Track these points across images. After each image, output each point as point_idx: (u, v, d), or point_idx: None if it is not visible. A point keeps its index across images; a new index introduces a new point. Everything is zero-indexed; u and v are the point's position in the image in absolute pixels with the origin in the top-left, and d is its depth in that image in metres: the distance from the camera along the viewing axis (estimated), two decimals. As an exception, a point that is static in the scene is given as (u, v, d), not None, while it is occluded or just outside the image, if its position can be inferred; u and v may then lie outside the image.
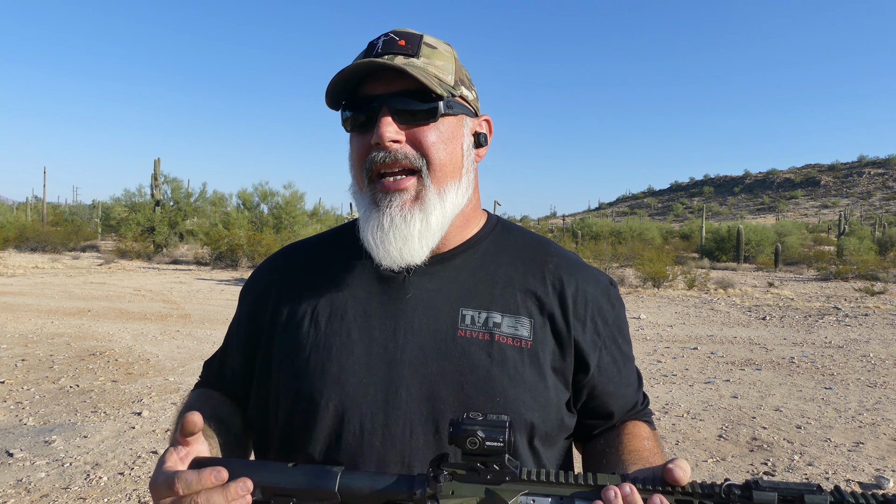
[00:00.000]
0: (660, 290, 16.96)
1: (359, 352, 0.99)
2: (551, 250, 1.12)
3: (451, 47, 1.06)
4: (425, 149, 0.98)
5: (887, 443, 5.03)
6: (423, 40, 1.01)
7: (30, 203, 46.60)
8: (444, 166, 1.00)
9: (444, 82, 1.00)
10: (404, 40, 0.99)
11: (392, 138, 0.96)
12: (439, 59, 1.02)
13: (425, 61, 0.99)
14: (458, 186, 1.02)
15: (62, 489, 3.95)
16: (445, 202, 1.00)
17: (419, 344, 0.99)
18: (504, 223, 1.15)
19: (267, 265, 1.17)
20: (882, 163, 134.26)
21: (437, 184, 0.99)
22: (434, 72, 0.99)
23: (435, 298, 1.02)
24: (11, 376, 6.55)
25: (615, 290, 1.13)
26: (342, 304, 1.03)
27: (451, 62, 1.03)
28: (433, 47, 1.02)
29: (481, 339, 0.99)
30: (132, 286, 15.35)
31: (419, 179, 0.99)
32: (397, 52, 0.98)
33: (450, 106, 1.01)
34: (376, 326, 1.01)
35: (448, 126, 1.01)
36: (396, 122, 0.97)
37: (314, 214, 29.81)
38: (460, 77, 1.05)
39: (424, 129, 0.99)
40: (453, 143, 1.02)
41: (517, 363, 0.99)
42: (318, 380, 0.98)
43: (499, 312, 1.02)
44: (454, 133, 1.02)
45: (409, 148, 0.98)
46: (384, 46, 0.99)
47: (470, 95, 1.06)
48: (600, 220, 48.48)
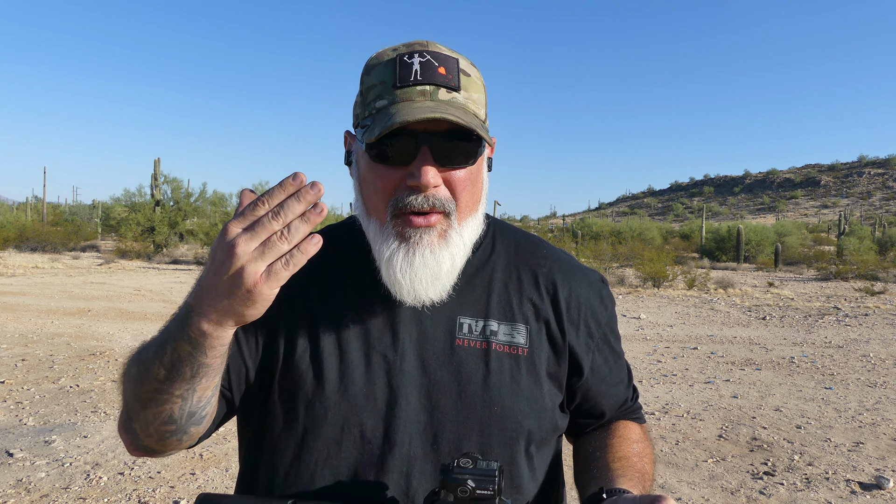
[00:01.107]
0: (660, 290, 16.96)
1: (358, 361, 0.98)
2: (544, 252, 1.11)
3: (478, 72, 1.00)
4: (458, 192, 0.95)
5: (887, 443, 5.03)
6: (460, 67, 0.95)
7: (30, 203, 46.62)
8: (469, 206, 0.98)
9: (481, 119, 0.96)
10: (444, 67, 0.92)
11: (435, 184, 0.92)
12: (475, 90, 0.96)
13: (465, 96, 0.93)
14: (476, 219, 1.00)
15: (62, 489, 3.96)
16: (465, 238, 0.98)
17: (417, 353, 0.99)
18: (497, 225, 1.14)
19: None
20: (882, 163, 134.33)
21: (460, 222, 0.97)
22: (473, 109, 0.94)
23: (432, 307, 1.01)
24: (11, 376, 6.55)
25: (606, 288, 1.13)
26: (338, 313, 1.01)
27: (482, 93, 0.98)
28: (468, 75, 0.95)
29: (478, 348, 0.99)
30: (132, 286, 15.36)
31: (446, 219, 0.95)
32: (439, 83, 0.91)
33: (484, 145, 0.96)
34: (375, 335, 1.00)
35: (478, 165, 0.98)
36: (436, 164, 0.92)
37: (314, 214, 29.79)
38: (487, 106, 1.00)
39: (460, 171, 0.95)
40: (479, 181, 0.99)
41: (514, 371, 0.99)
42: (318, 389, 0.97)
43: (495, 320, 1.01)
44: (480, 170, 0.99)
45: (444, 191, 0.94)
46: (423, 72, 0.91)
47: (487, 123, 1.01)
48: (600, 220, 48.51)
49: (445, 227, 0.95)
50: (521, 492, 1.00)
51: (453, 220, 0.95)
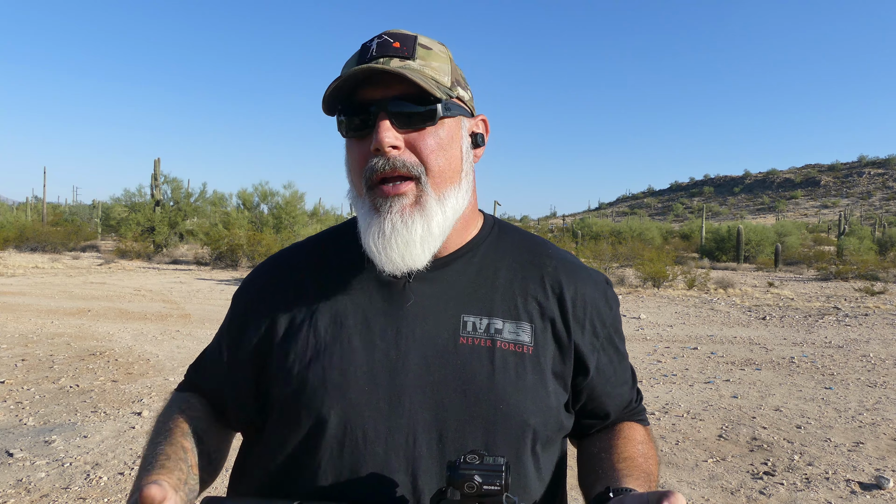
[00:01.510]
0: (660, 290, 16.96)
1: (360, 359, 0.98)
2: (549, 252, 1.11)
3: (445, 47, 1.05)
4: (424, 155, 0.97)
5: (887, 443, 5.03)
6: (418, 41, 0.99)
7: (30, 203, 46.61)
8: (444, 171, 0.99)
9: (441, 84, 0.99)
10: (399, 42, 0.98)
11: (392, 144, 0.95)
12: (435, 60, 1.00)
13: (421, 63, 0.98)
14: (458, 190, 1.01)
15: (62, 489, 3.95)
16: (446, 207, 0.99)
17: (421, 352, 0.98)
18: (501, 224, 1.15)
19: (263, 269, 1.14)
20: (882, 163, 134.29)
21: (436, 189, 0.98)
22: (431, 74, 0.98)
23: (436, 305, 1.01)
24: (11, 376, 6.55)
25: (611, 289, 1.13)
26: (342, 310, 1.01)
27: (446, 63, 1.02)
28: (428, 48, 1.00)
29: (483, 346, 0.99)
30: (132, 286, 15.35)
31: (418, 185, 0.97)
32: (392, 54, 0.96)
33: (448, 108, 0.99)
34: (377, 333, 1.00)
35: (447, 129, 1.00)
36: (395, 127, 0.96)
37: (314, 214, 29.81)
38: (456, 77, 1.03)
39: (423, 133, 0.97)
40: (452, 147, 1.01)
41: (519, 369, 0.99)
42: (320, 388, 0.97)
43: (500, 318, 1.01)
44: (453, 136, 1.01)
45: (408, 154, 0.97)
46: (378, 49, 0.97)
47: (466, 95, 1.05)
48: (600, 220, 48.47)
49: (419, 193, 0.97)
50: (528, 491, 1.00)
51: (426, 185, 0.97)
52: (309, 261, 1.10)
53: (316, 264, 1.09)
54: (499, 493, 0.81)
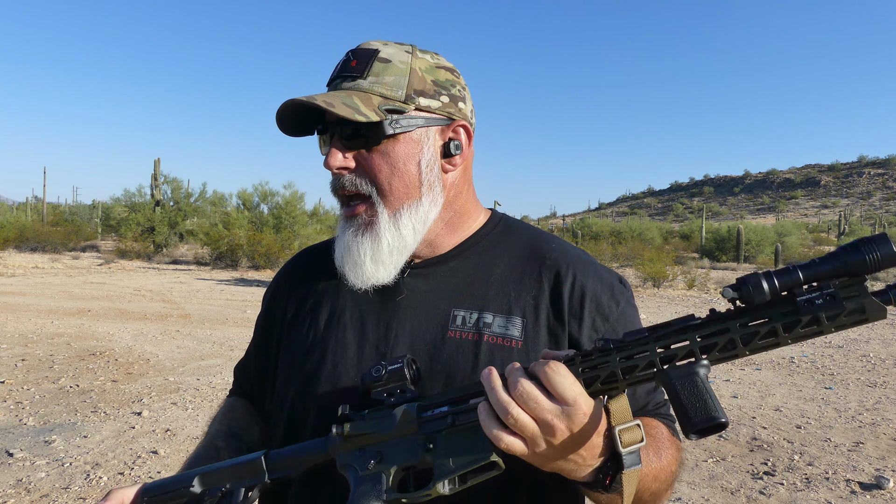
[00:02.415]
0: (660, 290, 16.96)
1: (352, 352, 1.03)
2: (552, 246, 1.10)
3: (411, 56, 1.02)
4: (372, 175, 1.00)
5: (887, 443, 5.03)
6: (378, 55, 0.99)
7: (30, 203, 46.61)
8: (396, 190, 1.00)
9: (391, 99, 0.98)
10: (356, 60, 1.00)
11: (338, 165, 0.99)
12: (391, 74, 0.99)
13: (372, 80, 0.98)
14: (418, 206, 1.02)
15: (62, 489, 3.96)
16: (400, 225, 1.00)
17: (409, 344, 1.01)
18: (508, 222, 1.15)
19: (283, 269, 1.23)
20: (882, 163, 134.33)
21: (390, 207, 1.00)
22: (380, 90, 0.98)
23: (428, 300, 1.04)
24: (11, 376, 6.55)
25: (623, 288, 1.08)
26: (341, 306, 1.07)
27: (404, 75, 1.00)
28: (387, 61, 0.99)
29: (470, 340, 1.00)
30: (132, 286, 15.35)
31: (370, 205, 1.01)
32: (347, 74, 1.00)
33: (397, 125, 0.99)
34: (370, 327, 1.04)
35: (400, 146, 1.00)
36: (344, 149, 0.99)
37: (314, 214, 29.78)
38: (421, 87, 1.01)
39: (371, 153, 0.99)
40: (407, 164, 1.00)
41: (505, 363, 0.97)
42: (314, 378, 1.03)
43: (490, 313, 1.02)
44: (407, 153, 1.01)
45: (357, 175, 1.00)
46: (341, 69, 1.01)
47: (435, 104, 1.02)
48: (600, 220, 48.48)
49: (371, 216, 1.01)
50: (518, 485, 0.98)
51: (377, 205, 1.00)
52: (320, 260, 1.16)
53: (323, 265, 1.14)
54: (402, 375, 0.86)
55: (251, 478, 0.91)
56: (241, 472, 0.91)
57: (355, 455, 0.86)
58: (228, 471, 0.92)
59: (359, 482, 0.85)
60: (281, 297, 1.16)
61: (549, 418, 0.74)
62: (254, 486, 0.91)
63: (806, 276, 0.70)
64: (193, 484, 0.92)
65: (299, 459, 0.90)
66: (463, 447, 0.81)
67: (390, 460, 0.84)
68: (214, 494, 0.92)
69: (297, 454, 0.90)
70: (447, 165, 1.05)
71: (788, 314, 0.71)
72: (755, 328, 0.72)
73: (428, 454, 0.83)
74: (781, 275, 0.70)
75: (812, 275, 0.70)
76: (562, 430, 0.75)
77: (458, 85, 1.06)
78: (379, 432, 0.85)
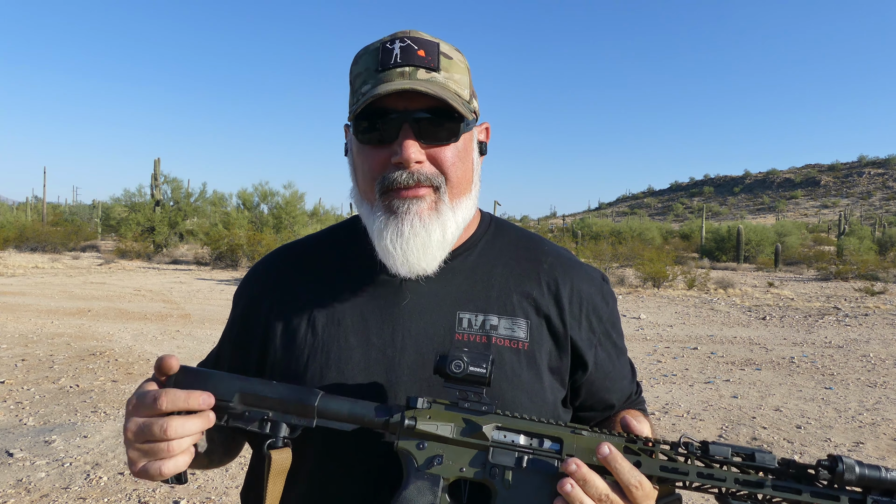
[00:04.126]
0: (660, 290, 16.96)
1: (357, 357, 0.99)
2: (545, 249, 1.12)
3: (463, 56, 1.04)
4: (445, 168, 0.98)
5: (887, 443, 5.03)
6: (441, 50, 0.98)
7: (30, 203, 46.61)
8: (461, 182, 1.01)
9: (462, 98, 0.99)
10: (423, 50, 0.96)
11: (417, 160, 0.95)
12: (457, 71, 0.99)
13: (446, 76, 0.97)
14: (469, 199, 1.03)
15: (62, 489, 3.95)
16: (458, 216, 1.01)
17: (417, 348, 0.99)
18: (497, 222, 1.15)
19: (261, 267, 1.14)
20: (882, 163, 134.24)
21: (452, 198, 1.00)
22: (454, 87, 0.98)
23: (432, 302, 1.02)
24: (11, 376, 6.55)
25: (607, 285, 1.14)
26: (339, 309, 1.03)
27: (466, 75, 1.01)
28: (450, 58, 0.99)
29: (478, 342, 1.00)
30: (132, 286, 15.35)
31: (436, 192, 0.98)
32: (418, 64, 0.95)
33: (468, 123, 1.00)
34: (374, 331, 1.01)
35: (464, 142, 1.01)
36: (418, 141, 0.95)
37: (314, 214, 29.81)
38: (472, 89, 1.04)
39: (445, 147, 0.98)
40: (467, 159, 1.02)
41: (514, 365, 0.99)
42: (318, 386, 0.98)
43: (495, 315, 1.02)
44: (468, 149, 1.03)
45: (429, 167, 0.97)
46: (403, 55, 0.95)
47: (477, 105, 1.05)
48: (600, 220, 48.48)
49: (435, 200, 0.98)
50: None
51: (444, 194, 0.98)
52: (308, 259, 1.11)
53: (314, 262, 1.10)
54: (483, 380, 0.83)
55: (298, 416, 0.86)
56: (288, 405, 0.86)
57: (414, 444, 0.84)
58: (274, 400, 0.87)
59: (414, 476, 0.83)
60: (263, 298, 1.08)
61: None
62: (300, 426, 0.86)
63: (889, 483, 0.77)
64: (233, 401, 0.86)
65: (355, 417, 0.86)
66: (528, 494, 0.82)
67: (451, 468, 0.83)
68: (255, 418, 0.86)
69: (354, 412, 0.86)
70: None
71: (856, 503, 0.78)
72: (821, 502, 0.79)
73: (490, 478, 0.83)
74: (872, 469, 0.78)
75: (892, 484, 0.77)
76: None
77: None
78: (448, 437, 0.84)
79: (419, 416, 0.85)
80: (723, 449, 0.80)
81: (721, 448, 0.80)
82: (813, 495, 0.78)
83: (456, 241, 1.07)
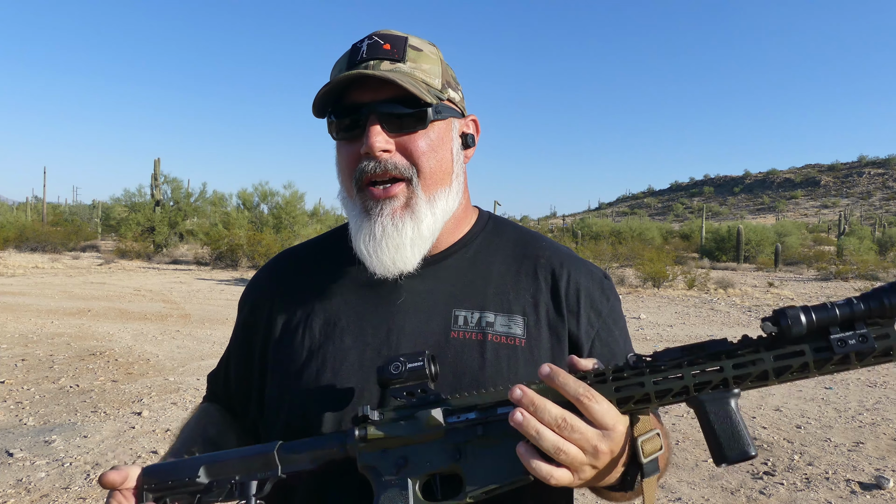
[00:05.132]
0: (660, 290, 16.96)
1: (352, 358, 1.00)
2: (543, 244, 1.11)
3: (436, 48, 1.04)
4: (415, 158, 0.98)
5: (887, 443, 5.03)
6: (409, 43, 0.99)
7: (30, 203, 46.63)
8: (434, 174, 1.00)
9: (432, 87, 0.99)
10: (389, 44, 0.98)
11: (382, 148, 0.96)
12: (426, 62, 1.00)
13: (412, 66, 0.98)
14: (449, 192, 1.02)
15: (62, 489, 3.96)
16: (436, 209, 1.00)
17: (412, 346, 1.00)
18: (496, 220, 1.15)
19: (263, 273, 1.18)
20: (882, 163, 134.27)
21: (427, 191, 0.99)
22: (421, 76, 0.98)
23: (427, 300, 1.02)
24: (11, 376, 6.55)
25: (609, 282, 1.12)
26: (335, 311, 1.04)
27: (437, 64, 1.02)
28: (419, 50, 1.00)
29: (474, 340, 1.00)
30: (132, 286, 15.35)
31: (409, 187, 0.99)
32: (383, 56, 0.97)
33: (438, 111, 1.00)
34: (369, 331, 1.02)
35: (437, 132, 1.01)
36: (385, 131, 0.97)
37: (314, 214, 29.81)
38: (447, 79, 1.03)
39: (414, 136, 0.98)
40: (443, 150, 1.01)
41: (511, 362, 0.99)
42: (314, 387, 1.00)
43: (492, 312, 1.01)
44: (443, 139, 1.02)
45: (399, 157, 0.98)
46: (369, 51, 0.97)
47: (457, 97, 1.05)
48: (600, 220, 48.46)
49: (409, 196, 0.99)
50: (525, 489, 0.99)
51: (417, 188, 0.98)
52: (306, 263, 1.13)
53: (312, 266, 1.12)
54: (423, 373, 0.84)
55: (264, 470, 0.87)
56: (251, 463, 0.87)
57: (377, 456, 0.84)
58: (237, 462, 0.88)
59: (383, 487, 0.83)
60: (265, 303, 1.11)
61: (595, 446, 0.75)
62: (267, 479, 0.87)
63: (842, 315, 0.72)
64: (199, 475, 0.87)
65: (315, 454, 0.86)
66: (495, 460, 0.80)
67: (416, 467, 0.83)
68: (224, 486, 0.87)
69: (313, 448, 0.87)
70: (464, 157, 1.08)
71: (821, 350, 0.73)
72: (788, 361, 0.74)
73: (456, 462, 0.82)
74: (819, 311, 0.72)
75: (848, 314, 0.72)
76: (605, 453, 0.76)
77: None
78: (403, 436, 0.83)
79: (371, 426, 0.84)
80: (672, 352, 0.76)
81: (671, 352, 0.77)
82: (777, 358, 0.73)
83: (452, 239, 1.07)
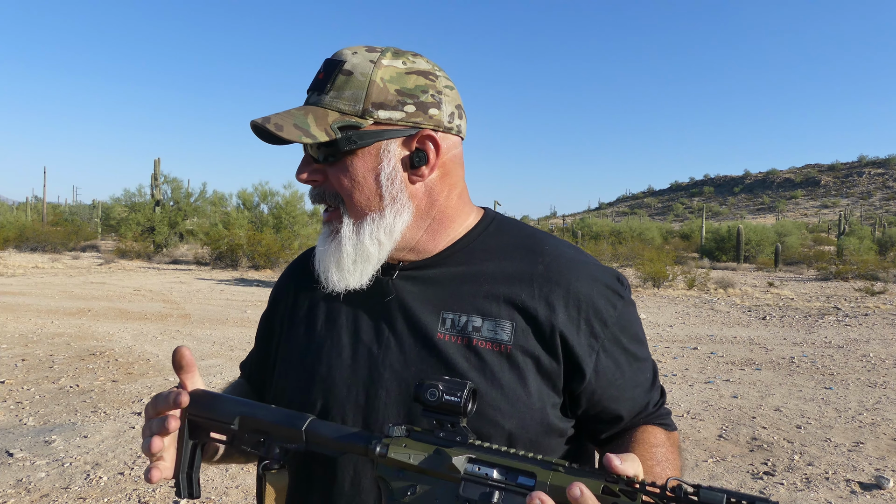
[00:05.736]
0: (660, 289, 16.96)
1: (346, 354, 1.04)
2: (545, 248, 1.07)
3: (374, 66, 0.99)
4: (337, 188, 1.02)
5: (887, 443, 5.03)
6: (342, 68, 0.99)
7: (30, 203, 46.62)
8: (358, 202, 1.02)
9: (347, 115, 0.98)
10: (324, 73, 1.01)
11: (308, 178, 1.04)
12: (350, 88, 0.98)
13: (333, 95, 0.99)
14: (381, 218, 1.01)
15: (62, 489, 3.96)
16: (363, 235, 1.02)
17: (400, 347, 1.01)
18: (500, 221, 1.13)
19: (287, 270, 1.25)
20: (882, 163, 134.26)
21: (354, 218, 1.03)
22: (338, 106, 0.98)
23: (419, 302, 1.03)
24: (11, 376, 6.56)
25: (619, 285, 1.05)
26: (336, 309, 1.08)
27: (361, 89, 0.98)
28: (349, 74, 0.99)
29: (459, 344, 0.99)
30: (132, 286, 15.35)
31: (339, 216, 1.04)
32: (314, 87, 1.02)
33: (352, 141, 0.99)
34: (364, 329, 1.05)
35: (358, 161, 1.00)
36: (313, 161, 1.03)
37: (314, 214, 29.77)
38: (379, 100, 0.99)
39: (333, 167, 1.02)
40: (365, 178, 1.01)
41: (495, 367, 0.98)
42: (308, 380, 1.05)
43: (479, 316, 1.00)
44: (365, 167, 1.01)
45: (329, 185, 1.03)
46: (313, 81, 1.03)
47: (397, 115, 1.00)
48: (600, 220, 48.48)
49: (338, 226, 1.04)
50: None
51: (344, 216, 1.03)
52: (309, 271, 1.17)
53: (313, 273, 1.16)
54: (458, 409, 0.81)
55: (288, 441, 0.90)
56: (280, 431, 0.91)
57: (391, 472, 0.85)
58: (269, 425, 0.91)
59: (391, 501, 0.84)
60: (284, 297, 1.18)
61: None
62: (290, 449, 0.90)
63: None
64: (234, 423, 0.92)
65: (339, 445, 0.89)
66: None
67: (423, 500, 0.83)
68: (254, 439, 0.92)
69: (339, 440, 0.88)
70: (413, 177, 1.03)
71: None
72: None
73: None
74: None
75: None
76: None
77: (433, 89, 1.02)
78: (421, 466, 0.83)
79: (393, 444, 0.84)
80: (717, 496, 0.71)
81: (715, 495, 0.71)
82: None
83: (445, 242, 1.07)
